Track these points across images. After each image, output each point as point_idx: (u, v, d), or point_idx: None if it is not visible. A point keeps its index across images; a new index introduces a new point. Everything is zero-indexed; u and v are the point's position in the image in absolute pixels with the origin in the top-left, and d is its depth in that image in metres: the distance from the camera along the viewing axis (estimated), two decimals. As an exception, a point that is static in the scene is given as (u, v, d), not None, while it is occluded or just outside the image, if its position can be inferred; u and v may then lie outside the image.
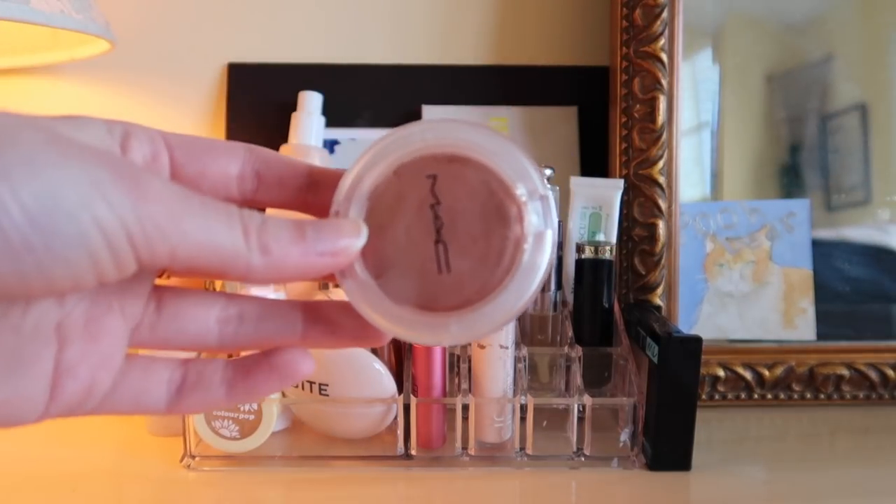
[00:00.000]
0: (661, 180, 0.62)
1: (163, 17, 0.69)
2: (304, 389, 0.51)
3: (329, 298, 0.47)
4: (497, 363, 0.51)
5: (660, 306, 0.62)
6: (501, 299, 0.23)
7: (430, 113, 0.69)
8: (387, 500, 0.48)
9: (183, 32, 0.70)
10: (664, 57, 0.61)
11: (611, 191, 0.60)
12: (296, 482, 0.49)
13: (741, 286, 0.64)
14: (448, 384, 0.52)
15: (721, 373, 0.62)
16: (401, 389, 0.51)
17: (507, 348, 0.51)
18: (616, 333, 0.56)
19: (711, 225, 0.64)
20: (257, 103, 0.69)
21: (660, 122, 0.61)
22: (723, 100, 0.65)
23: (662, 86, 0.61)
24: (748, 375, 0.62)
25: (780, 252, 0.64)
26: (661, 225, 0.61)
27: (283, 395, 0.53)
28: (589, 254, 0.56)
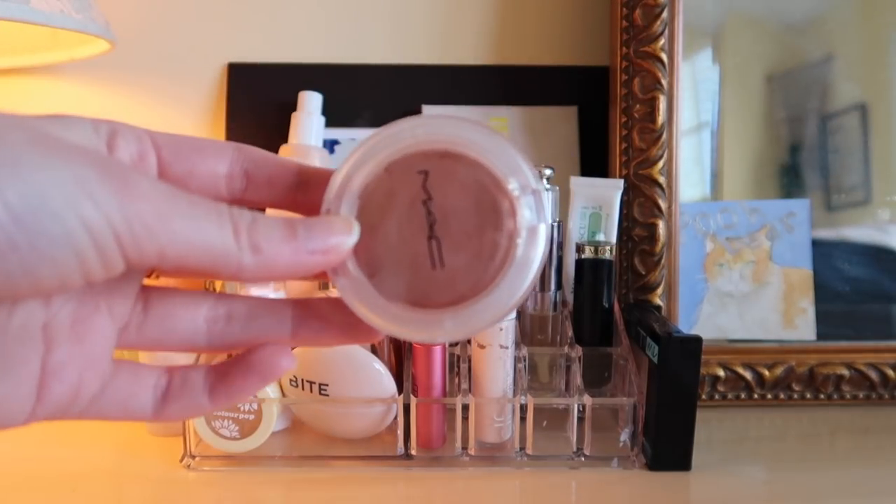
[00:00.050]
0: (661, 180, 0.62)
1: (163, 17, 0.69)
2: (304, 389, 0.51)
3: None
4: (497, 363, 0.51)
5: (660, 306, 0.62)
6: (495, 295, 0.23)
7: (430, 113, 0.69)
8: (387, 500, 0.48)
9: (183, 32, 0.70)
10: (664, 57, 0.61)
11: (611, 191, 0.60)
12: (296, 482, 0.49)
13: (741, 286, 0.64)
14: (448, 384, 0.52)
15: (721, 373, 0.62)
16: (401, 389, 0.51)
17: (507, 348, 0.51)
18: (616, 333, 0.56)
19: (711, 225, 0.64)
20: (257, 103, 0.69)
21: (660, 122, 0.61)
22: (723, 100, 0.65)
23: (662, 86, 0.61)
24: (748, 375, 0.62)
25: (780, 252, 0.64)
26: (661, 225, 0.61)
27: (283, 395, 0.53)
28: (589, 254, 0.56)
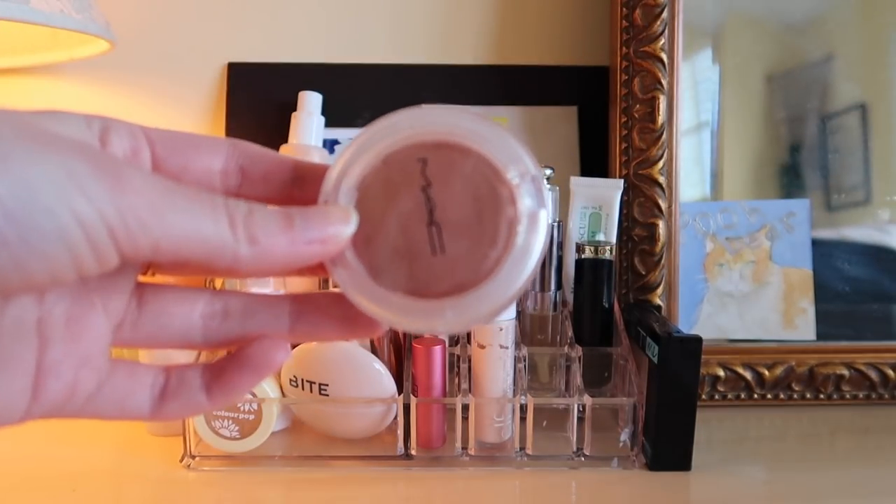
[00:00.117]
0: (661, 180, 0.62)
1: (163, 17, 0.69)
2: (304, 389, 0.51)
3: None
4: (497, 363, 0.51)
5: (660, 306, 0.62)
6: (496, 282, 0.23)
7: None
8: (387, 500, 0.48)
9: (183, 32, 0.70)
10: (664, 57, 0.61)
11: (611, 191, 0.60)
12: (296, 482, 0.49)
13: (741, 286, 0.64)
14: (448, 384, 0.52)
15: (721, 373, 0.62)
16: (401, 389, 0.51)
17: (507, 348, 0.51)
18: (616, 333, 0.56)
19: (711, 225, 0.64)
20: (257, 103, 0.69)
21: (660, 122, 0.61)
22: (723, 100, 0.65)
23: (662, 86, 0.61)
24: (748, 375, 0.62)
25: (780, 252, 0.64)
26: (661, 225, 0.61)
27: (283, 395, 0.53)
28: (589, 254, 0.56)
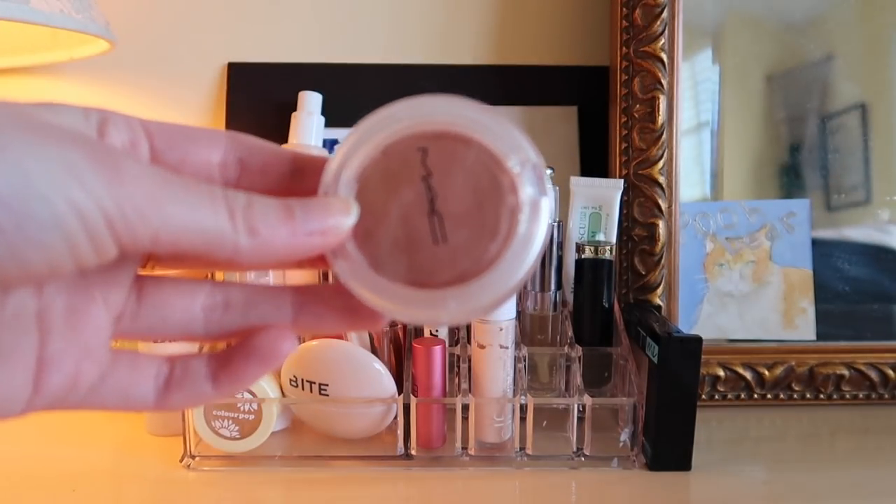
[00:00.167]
0: (661, 180, 0.62)
1: (163, 17, 0.69)
2: (304, 389, 0.51)
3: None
4: (497, 363, 0.51)
5: (660, 306, 0.62)
6: (499, 271, 0.22)
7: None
8: (387, 500, 0.48)
9: (183, 32, 0.70)
10: (664, 57, 0.61)
11: (611, 191, 0.60)
12: (296, 482, 0.49)
13: (741, 286, 0.64)
14: (448, 384, 0.52)
15: (721, 373, 0.62)
16: (401, 389, 0.51)
17: (507, 348, 0.51)
18: (616, 333, 0.56)
19: (711, 225, 0.64)
20: (257, 103, 0.69)
21: (660, 122, 0.61)
22: (723, 100, 0.65)
23: (662, 86, 0.61)
24: (748, 375, 0.62)
25: (780, 252, 0.64)
26: (661, 225, 0.61)
27: (283, 395, 0.53)
28: (589, 254, 0.56)
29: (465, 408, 0.51)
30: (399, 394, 0.50)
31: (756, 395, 0.63)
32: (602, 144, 0.67)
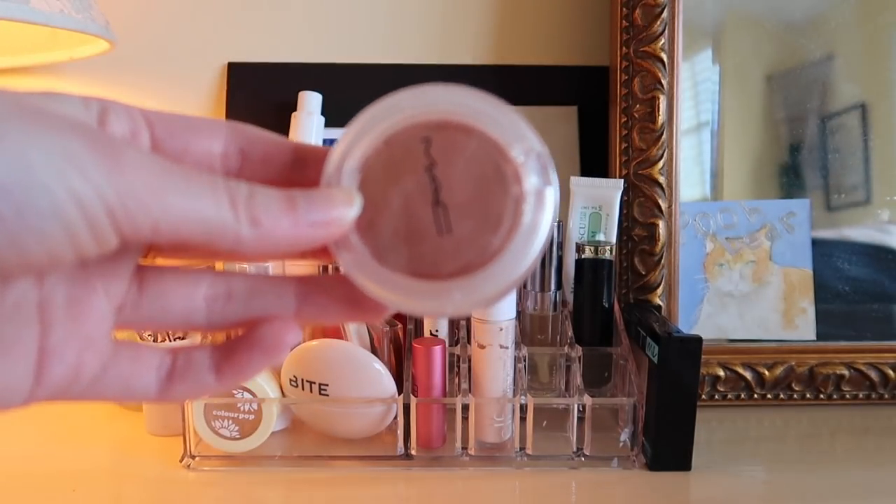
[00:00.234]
0: (661, 180, 0.62)
1: (163, 17, 0.69)
2: (304, 389, 0.51)
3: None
4: (497, 363, 0.51)
5: (660, 306, 0.62)
6: (504, 262, 0.22)
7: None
8: (387, 500, 0.48)
9: (183, 32, 0.70)
10: (664, 57, 0.61)
11: (611, 191, 0.60)
12: (296, 482, 0.49)
13: (741, 286, 0.64)
14: (448, 384, 0.52)
15: (721, 373, 0.62)
16: (401, 389, 0.51)
17: (507, 348, 0.51)
18: (616, 333, 0.56)
19: (711, 225, 0.64)
20: (257, 103, 0.69)
21: (660, 122, 0.61)
22: (723, 100, 0.65)
23: (662, 86, 0.61)
24: (748, 375, 0.62)
25: (780, 252, 0.64)
26: (661, 225, 0.61)
27: (283, 395, 0.53)
28: (589, 254, 0.56)
29: (465, 408, 0.51)
30: (399, 394, 0.50)
31: (756, 395, 0.63)
32: (602, 144, 0.67)
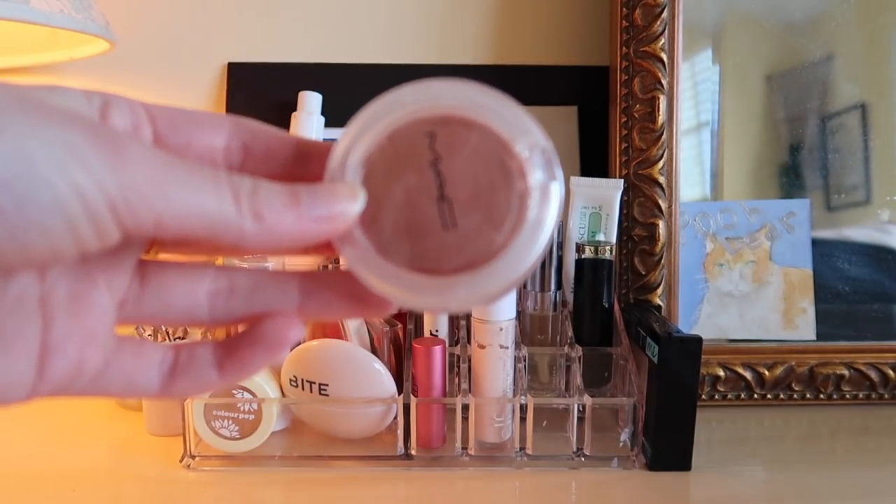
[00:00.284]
0: (661, 180, 0.62)
1: (163, 17, 0.69)
2: (304, 389, 0.51)
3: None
4: (497, 363, 0.51)
5: (660, 306, 0.62)
6: (508, 258, 0.22)
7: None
8: (387, 500, 0.48)
9: (183, 32, 0.70)
10: (664, 57, 0.61)
11: (611, 191, 0.60)
12: (296, 482, 0.49)
13: (741, 286, 0.64)
14: (448, 384, 0.52)
15: (721, 373, 0.62)
16: (401, 389, 0.51)
17: (507, 348, 0.51)
18: (616, 333, 0.56)
19: (711, 225, 0.64)
20: (257, 103, 0.69)
21: (660, 122, 0.61)
22: (723, 100, 0.65)
23: (662, 86, 0.61)
24: (748, 375, 0.62)
25: (780, 252, 0.64)
26: (661, 225, 0.61)
27: (283, 395, 0.53)
28: (589, 254, 0.56)
29: (465, 408, 0.51)
30: (399, 394, 0.50)
31: (756, 395, 0.63)
32: (602, 144, 0.67)
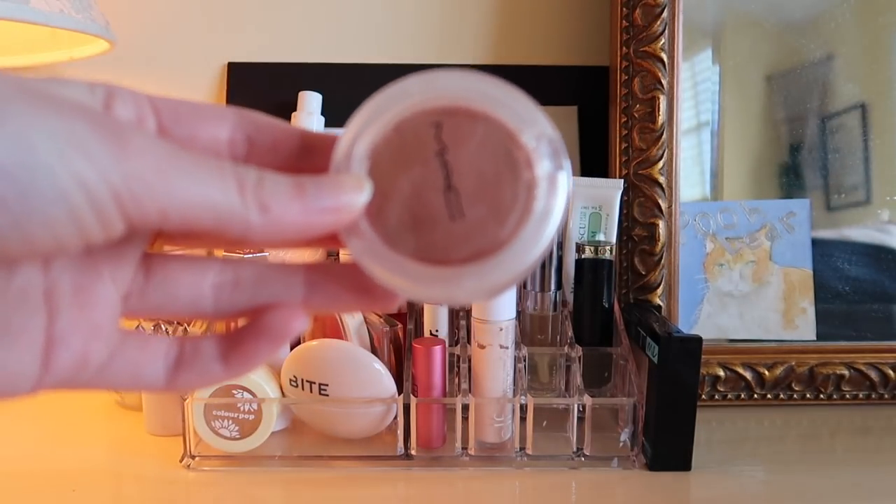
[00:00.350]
0: (661, 180, 0.62)
1: (163, 17, 0.69)
2: (304, 389, 0.51)
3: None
4: (497, 363, 0.51)
5: (660, 306, 0.62)
6: (516, 248, 0.22)
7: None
8: (387, 500, 0.48)
9: (183, 32, 0.70)
10: (664, 57, 0.61)
11: (611, 191, 0.60)
12: (296, 482, 0.49)
13: (741, 286, 0.64)
14: (448, 384, 0.52)
15: (721, 373, 0.62)
16: (401, 389, 0.51)
17: (507, 348, 0.51)
18: (616, 333, 0.56)
19: (711, 225, 0.64)
20: (257, 103, 0.69)
21: (660, 122, 0.61)
22: (723, 100, 0.65)
23: (662, 86, 0.61)
24: (748, 375, 0.62)
25: (780, 252, 0.64)
26: (661, 225, 0.61)
27: (283, 395, 0.53)
28: (589, 254, 0.56)
29: (465, 408, 0.51)
30: (399, 394, 0.50)
31: (756, 395, 0.63)
32: (602, 144, 0.67)
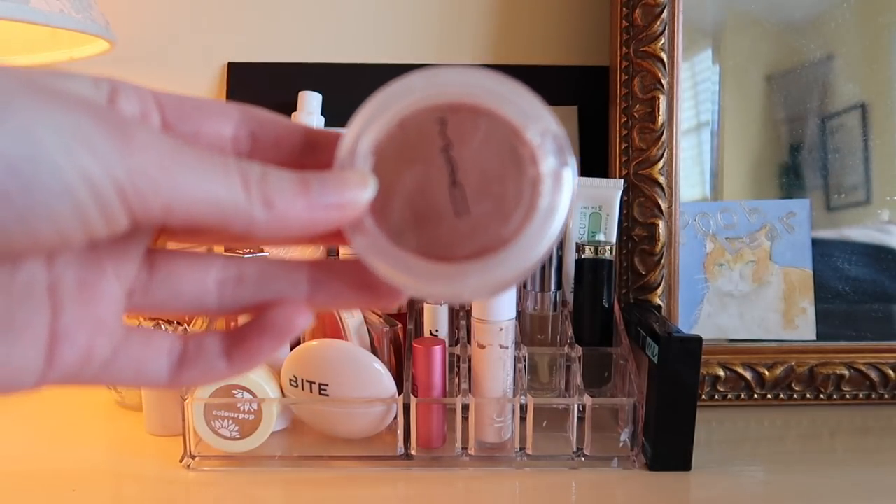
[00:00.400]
0: (661, 180, 0.62)
1: (163, 17, 0.69)
2: (304, 389, 0.51)
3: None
4: (497, 363, 0.51)
5: (660, 306, 0.62)
6: (521, 245, 0.22)
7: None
8: (387, 500, 0.48)
9: (183, 32, 0.70)
10: (664, 57, 0.61)
11: (611, 191, 0.60)
12: (296, 482, 0.49)
13: (741, 286, 0.64)
14: (448, 384, 0.52)
15: (721, 373, 0.62)
16: (401, 389, 0.51)
17: (507, 348, 0.51)
18: (616, 333, 0.56)
19: (711, 225, 0.64)
20: (257, 103, 0.68)
21: (660, 122, 0.61)
22: (723, 100, 0.65)
23: (662, 85, 0.61)
24: (748, 375, 0.62)
25: (780, 252, 0.64)
26: (661, 225, 0.61)
27: (283, 395, 0.53)
28: (589, 254, 0.56)
29: (465, 408, 0.51)
30: (399, 394, 0.50)
31: (756, 395, 0.63)
32: (602, 144, 0.67)
